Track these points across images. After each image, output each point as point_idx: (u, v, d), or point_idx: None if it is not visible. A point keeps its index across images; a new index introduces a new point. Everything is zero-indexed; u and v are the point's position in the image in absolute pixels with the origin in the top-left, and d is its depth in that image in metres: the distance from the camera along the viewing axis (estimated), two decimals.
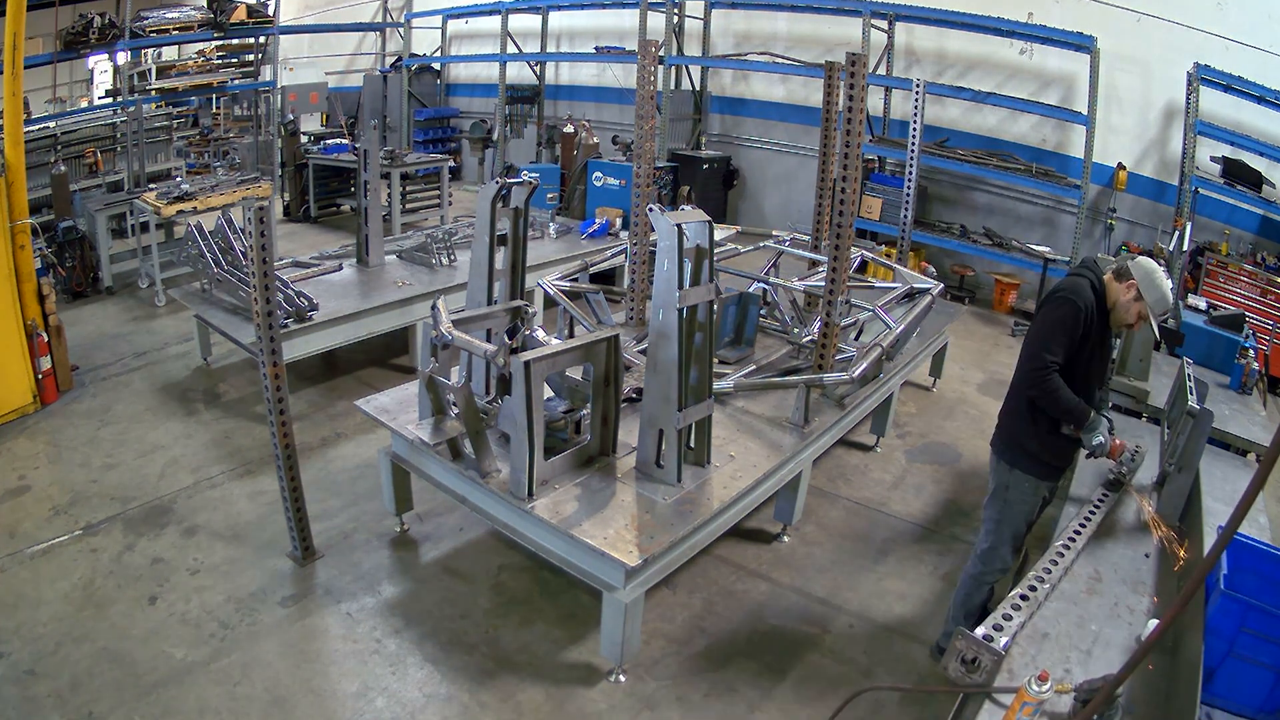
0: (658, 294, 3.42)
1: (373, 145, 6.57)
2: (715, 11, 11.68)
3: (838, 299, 4.53)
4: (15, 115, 5.31)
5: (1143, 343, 4.11)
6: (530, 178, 4.52)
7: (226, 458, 5.01)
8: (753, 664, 3.55)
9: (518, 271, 4.43)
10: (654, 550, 3.15)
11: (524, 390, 3.19)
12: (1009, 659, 2.37)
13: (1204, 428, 3.00)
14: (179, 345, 6.67)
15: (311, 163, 10.72)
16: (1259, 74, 7.37)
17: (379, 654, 3.49)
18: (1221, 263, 7.42)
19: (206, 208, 7.99)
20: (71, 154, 9.26)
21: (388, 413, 4.08)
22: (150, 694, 3.20)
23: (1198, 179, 7.67)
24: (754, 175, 11.85)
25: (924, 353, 5.99)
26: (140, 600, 3.73)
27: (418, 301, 6.14)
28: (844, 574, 4.22)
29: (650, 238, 4.58)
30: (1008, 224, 9.46)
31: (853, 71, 4.33)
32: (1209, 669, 2.32)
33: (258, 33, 11.80)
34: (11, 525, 4.24)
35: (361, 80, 15.04)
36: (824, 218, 6.17)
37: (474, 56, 14.89)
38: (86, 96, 13.78)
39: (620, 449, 3.79)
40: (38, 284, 5.50)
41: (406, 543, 4.27)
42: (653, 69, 5.03)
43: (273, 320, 3.63)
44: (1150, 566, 2.90)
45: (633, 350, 4.64)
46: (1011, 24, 8.67)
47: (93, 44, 9.58)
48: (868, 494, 5.02)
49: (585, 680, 3.40)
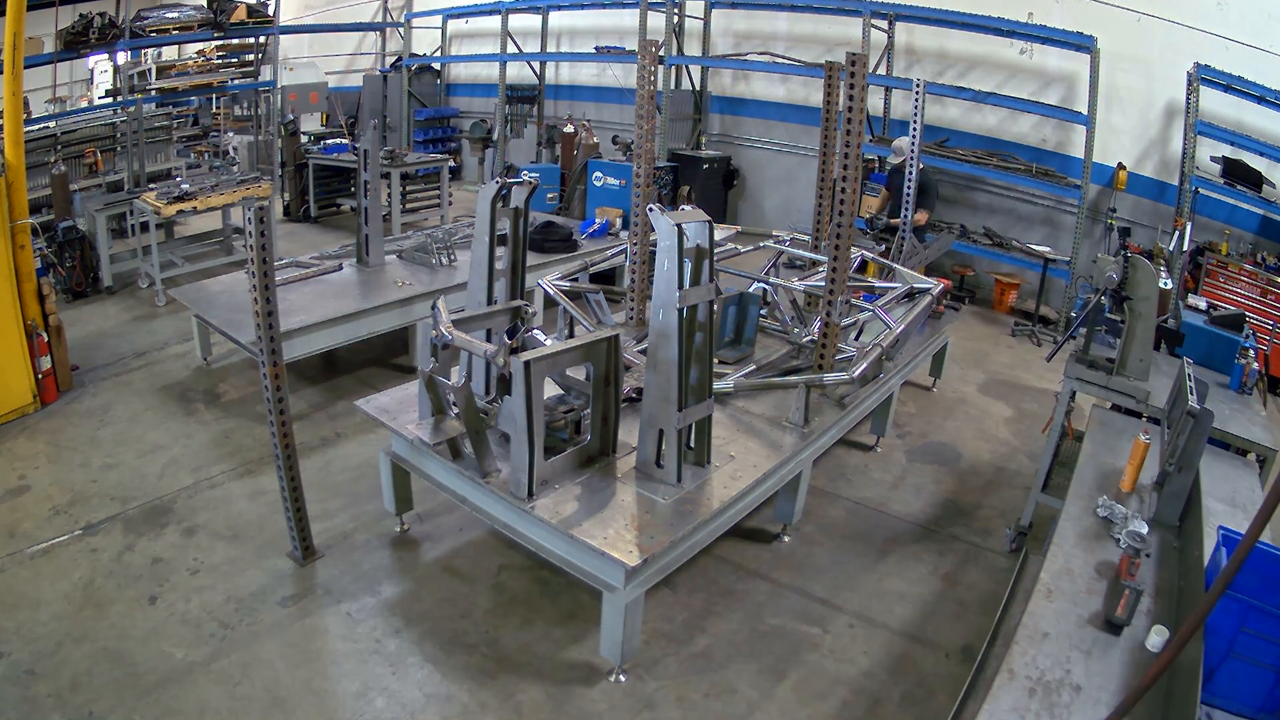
0: (658, 294, 3.42)
1: (373, 145, 6.57)
2: (715, 11, 11.68)
3: (838, 299, 4.53)
4: (15, 115, 5.30)
5: (1143, 343, 4.11)
6: (530, 178, 4.52)
7: (226, 458, 5.01)
8: (753, 664, 3.55)
9: (518, 271, 4.43)
10: (654, 550, 3.15)
11: (524, 390, 3.19)
12: (1009, 658, 2.37)
13: (1204, 428, 3.00)
14: (179, 345, 6.67)
15: (311, 163, 10.72)
16: (1259, 74, 7.36)
17: (379, 654, 3.49)
18: (1221, 263, 7.42)
19: (206, 207, 8.01)
20: (71, 154, 9.24)
21: (388, 413, 4.08)
22: (150, 694, 3.20)
23: (1198, 179, 7.66)
24: (754, 175, 11.84)
25: (924, 353, 5.99)
26: (140, 600, 3.73)
27: (418, 301, 6.14)
28: (844, 574, 4.22)
29: (650, 238, 4.58)
30: (1008, 224, 9.46)
31: (853, 71, 4.33)
32: (1209, 669, 2.32)
33: (258, 33, 11.80)
34: (11, 525, 4.24)
35: (361, 80, 15.03)
36: (824, 218, 6.18)
37: (474, 56, 14.89)
38: (86, 96, 13.79)
39: (620, 449, 3.79)
40: (38, 284, 5.50)
41: (406, 543, 4.27)
42: (653, 69, 5.02)
43: (273, 320, 3.63)
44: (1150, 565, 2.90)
45: (633, 350, 4.64)
46: (1011, 24, 8.66)
47: (93, 44, 9.57)
48: (868, 494, 5.02)
49: (585, 680, 3.40)
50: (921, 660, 3.65)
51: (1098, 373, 4.20)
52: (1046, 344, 7.81)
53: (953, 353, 6.72)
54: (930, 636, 3.79)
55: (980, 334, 8.20)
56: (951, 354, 6.67)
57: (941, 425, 6.02)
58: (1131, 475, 3.42)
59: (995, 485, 5.25)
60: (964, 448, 5.70)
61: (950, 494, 5.10)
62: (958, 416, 6.20)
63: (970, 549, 4.53)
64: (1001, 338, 8.15)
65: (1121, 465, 3.50)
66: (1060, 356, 4.59)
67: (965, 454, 5.62)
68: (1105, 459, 3.68)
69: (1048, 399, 6.24)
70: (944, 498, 5.05)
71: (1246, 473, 3.69)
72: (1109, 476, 3.52)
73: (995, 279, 9.15)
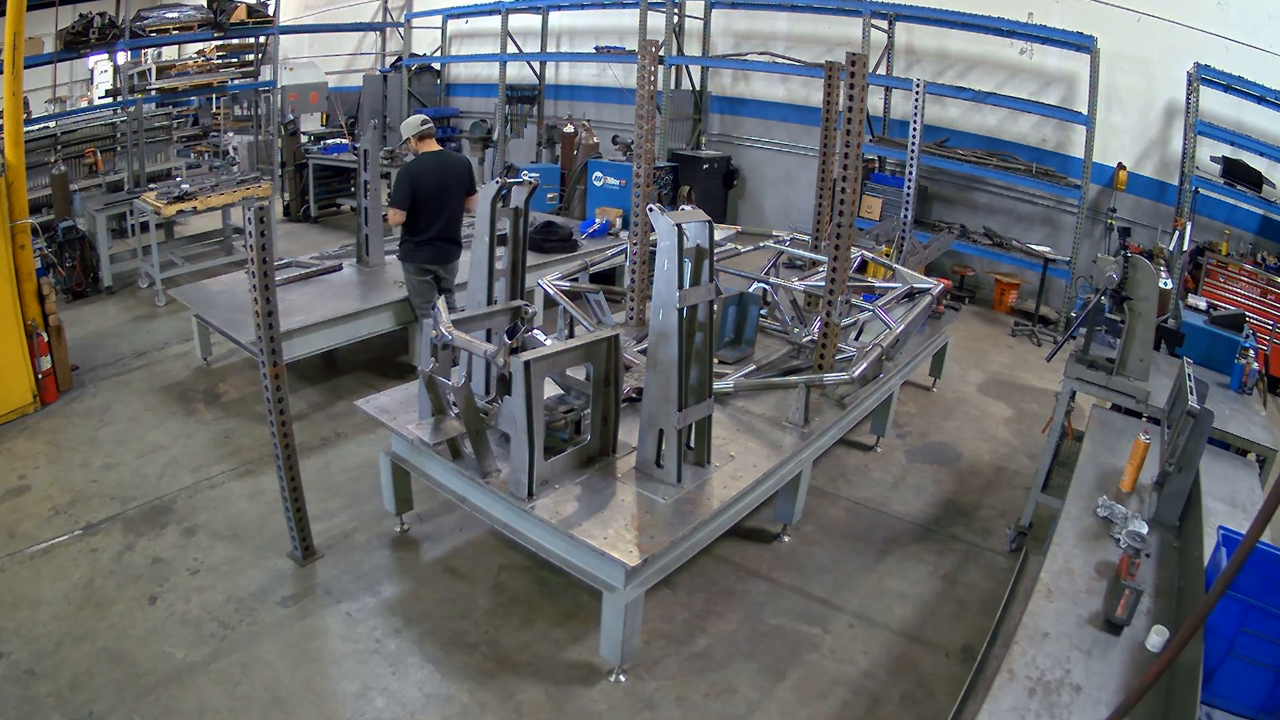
0: (658, 294, 3.42)
1: (373, 145, 6.57)
2: (715, 11, 11.67)
3: (838, 299, 4.53)
4: (15, 115, 5.30)
5: (1143, 343, 4.11)
6: (530, 178, 4.52)
7: (226, 458, 5.01)
8: (753, 664, 3.55)
9: (518, 271, 4.43)
10: (654, 550, 3.15)
11: (524, 390, 3.19)
12: (1009, 658, 2.37)
13: (1204, 428, 3.00)
14: (179, 345, 6.67)
15: (311, 163, 10.72)
16: (1259, 74, 7.36)
17: (379, 654, 3.49)
18: (1221, 263, 7.42)
19: (207, 207, 8.00)
20: (71, 154, 9.23)
21: (388, 413, 4.08)
22: (150, 694, 3.20)
23: (1198, 179, 7.66)
24: (754, 175, 11.84)
25: (924, 353, 5.99)
26: (140, 600, 3.73)
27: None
28: (844, 574, 4.22)
29: (650, 238, 4.57)
30: (1008, 224, 9.46)
31: (853, 71, 4.34)
32: (1209, 669, 2.32)
33: (258, 33, 11.80)
34: (11, 525, 4.24)
35: (361, 80, 15.03)
36: (824, 218, 6.17)
37: (474, 56, 14.89)
38: (86, 96, 13.78)
39: (620, 449, 3.79)
40: (38, 284, 5.50)
41: (406, 543, 4.27)
42: (653, 69, 5.03)
43: (273, 320, 3.63)
44: (1150, 565, 2.90)
45: (633, 350, 4.64)
46: (1012, 24, 8.66)
47: (93, 44, 9.57)
48: (868, 494, 5.02)
49: (585, 680, 3.40)
50: (921, 660, 3.65)
51: (1098, 373, 4.20)
52: (1047, 344, 7.81)
53: (953, 353, 6.72)
54: (930, 636, 3.79)
55: (980, 334, 8.20)
56: (951, 354, 6.68)
57: (941, 425, 6.02)
58: (1132, 475, 3.42)
59: (995, 485, 5.25)
60: (964, 448, 5.70)
61: (950, 494, 5.10)
62: (958, 416, 6.20)
63: (970, 549, 4.53)
64: (1001, 338, 8.15)
65: (1121, 465, 3.51)
66: (1060, 356, 4.59)
67: (965, 454, 5.62)
68: (1105, 459, 3.69)
69: (1048, 399, 6.24)
70: (944, 498, 5.05)
71: (1246, 473, 3.69)
72: (1109, 476, 3.52)
73: (995, 279, 9.15)
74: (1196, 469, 3.11)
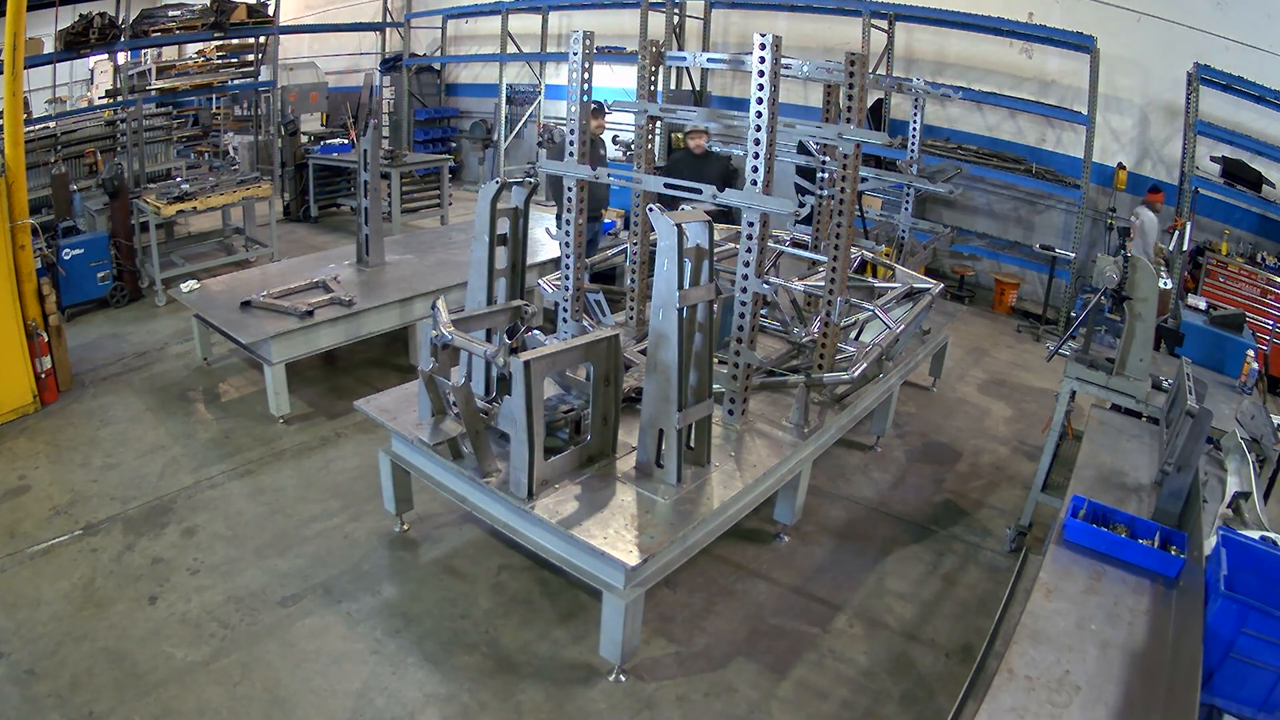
0: (658, 294, 3.42)
1: (373, 145, 6.57)
2: (715, 11, 11.67)
3: (837, 299, 4.53)
4: (15, 115, 5.30)
5: (1142, 343, 4.11)
6: (530, 178, 4.52)
7: (226, 458, 5.01)
8: (753, 664, 3.55)
9: (518, 271, 4.43)
10: (654, 550, 3.15)
11: (524, 390, 3.19)
12: (1008, 658, 2.37)
13: (1203, 427, 3.00)
14: (179, 345, 6.67)
15: (311, 163, 10.72)
16: (1259, 74, 7.37)
17: (379, 654, 3.49)
18: (1221, 263, 7.43)
19: (206, 207, 8.00)
20: (71, 154, 9.23)
21: (388, 413, 4.07)
22: (150, 694, 3.20)
23: (1198, 179, 7.67)
24: None
25: (924, 353, 5.99)
26: (140, 600, 3.73)
27: (418, 301, 6.14)
28: (844, 574, 4.22)
29: (650, 238, 4.57)
30: (1008, 224, 9.46)
31: (852, 71, 4.33)
32: (1209, 669, 2.33)
33: (258, 33, 11.78)
34: (11, 525, 4.24)
35: (361, 80, 15.02)
36: (824, 218, 6.16)
37: (474, 56, 14.88)
38: (86, 96, 13.77)
39: (620, 449, 3.79)
40: (38, 284, 5.50)
41: (406, 543, 4.27)
42: (653, 69, 5.02)
43: None
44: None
45: (633, 350, 4.64)
46: (1011, 24, 8.66)
47: (93, 44, 9.56)
48: (868, 494, 5.02)
49: (585, 680, 3.40)
50: (921, 660, 3.65)
51: (1098, 373, 4.20)
52: (1052, 342, 7.81)
53: (953, 353, 6.72)
54: (930, 636, 3.79)
55: (980, 334, 8.20)
56: (951, 354, 6.68)
57: (941, 425, 6.02)
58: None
59: (995, 485, 5.25)
60: (964, 448, 5.70)
61: (950, 494, 5.10)
62: (958, 416, 6.20)
63: (970, 549, 4.53)
64: (1002, 337, 8.15)
65: (1121, 465, 3.50)
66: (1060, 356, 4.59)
67: (965, 454, 5.62)
68: (1105, 459, 3.69)
69: (1048, 399, 6.24)
70: (944, 498, 5.05)
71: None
72: (1109, 476, 3.52)
73: (995, 279, 9.15)
74: (1196, 468, 3.11)
